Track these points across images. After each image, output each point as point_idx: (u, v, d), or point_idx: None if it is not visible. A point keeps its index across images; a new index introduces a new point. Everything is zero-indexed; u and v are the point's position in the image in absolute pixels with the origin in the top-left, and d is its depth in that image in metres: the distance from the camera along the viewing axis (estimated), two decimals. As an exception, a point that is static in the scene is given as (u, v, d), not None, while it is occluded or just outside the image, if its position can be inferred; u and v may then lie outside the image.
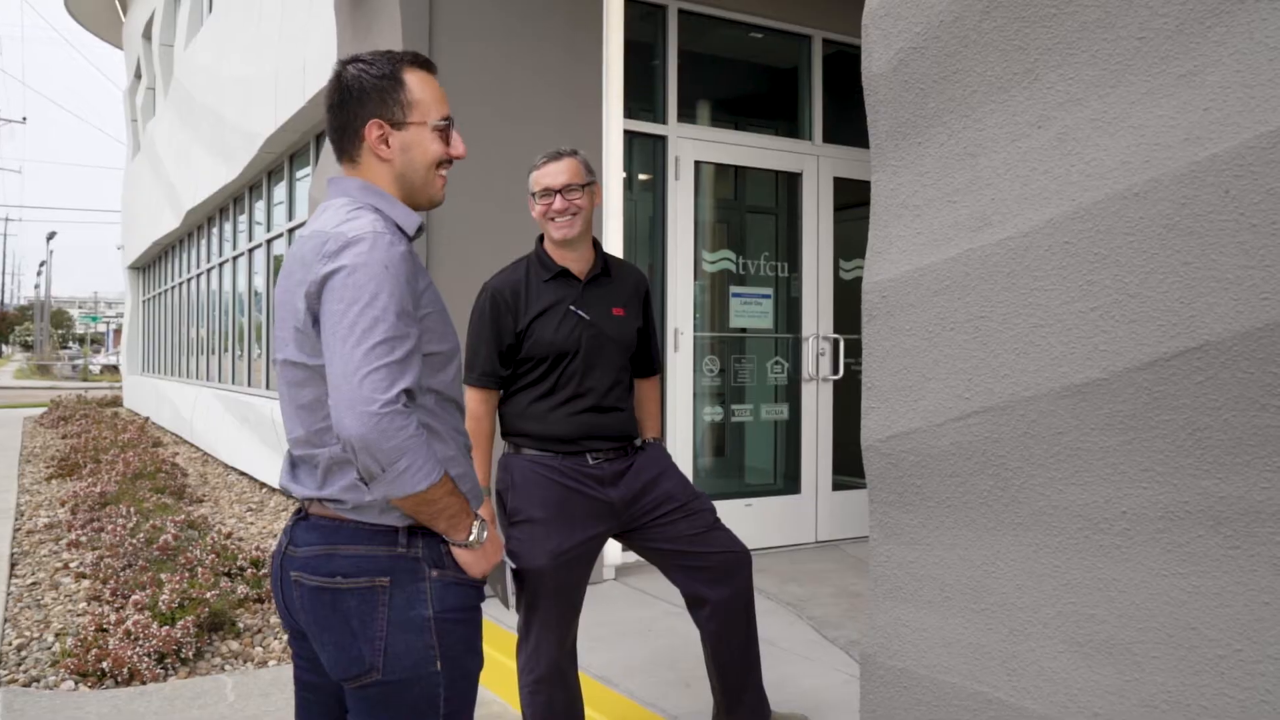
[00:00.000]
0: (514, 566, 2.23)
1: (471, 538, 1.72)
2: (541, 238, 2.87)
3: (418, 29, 4.68)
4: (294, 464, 1.81)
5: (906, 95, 1.94)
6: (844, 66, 6.25)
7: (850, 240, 6.22)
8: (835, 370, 6.00)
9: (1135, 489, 1.57)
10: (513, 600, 1.91)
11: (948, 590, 1.88)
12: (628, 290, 2.87)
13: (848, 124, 6.22)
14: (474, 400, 2.74)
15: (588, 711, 3.43)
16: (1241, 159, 1.41)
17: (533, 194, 2.76)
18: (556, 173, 2.73)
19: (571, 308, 2.74)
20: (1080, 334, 1.62)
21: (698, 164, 5.66)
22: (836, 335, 5.99)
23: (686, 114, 5.69)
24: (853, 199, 6.22)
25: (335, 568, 1.68)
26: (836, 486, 6.08)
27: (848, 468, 6.18)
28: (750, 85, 6.31)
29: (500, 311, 2.73)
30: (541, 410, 2.71)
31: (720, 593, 2.73)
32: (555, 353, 2.71)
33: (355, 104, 1.73)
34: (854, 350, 6.23)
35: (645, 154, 5.57)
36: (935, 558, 1.91)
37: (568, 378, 2.72)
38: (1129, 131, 1.57)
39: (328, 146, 5.65)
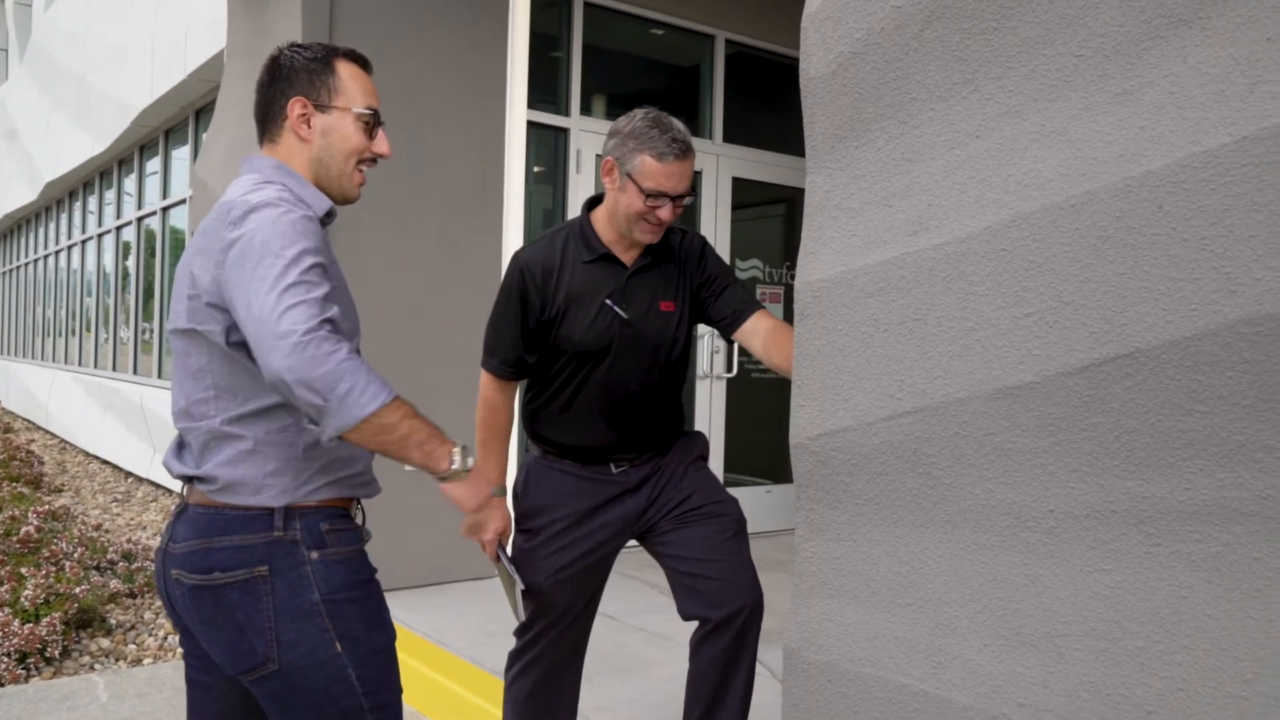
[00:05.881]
0: (522, 586, 2.09)
1: (455, 465, 1.65)
2: (591, 203, 2.43)
3: (318, 8, 4.52)
4: (180, 443, 1.77)
5: (844, 99, 1.98)
6: (746, 67, 6.34)
7: (747, 240, 6.30)
8: (729, 368, 6.08)
9: (1063, 489, 1.64)
10: (520, 609, 1.80)
11: (874, 586, 1.93)
12: (684, 273, 2.44)
13: (748, 124, 6.30)
14: (491, 388, 2.41)
15: (487, 708, 3.40)
16: (1175, 176, 1.48)
17: (638, 184, 2.28)
18: (680, 177, 2.29)
19: (608, 302, 2.35)
20: (1014, 339, 1.68)
21: (599, 157, 5.65)
22: (731, 333, 6.07)
23: (588, 107, 5.68)
24: (750, 199, 6.31)
25: (211, 562, 1.62)
26: (728, 484, 6.16)
27: (739, 465, 6.28)
28: (652, 82, 6.33)
29: (528, 290, 2.33)
30: (566, 419, 2.39)
31: (715, 614, 2.37)
32: (580, 352, 2.34)
33: (283, 82, 1.76)
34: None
35: (546, 146, 5.54)
36: (862, 554, 1.96)
37: (595, 384, 2.36)
38: (1066, 145, 1.63)
39: (215, 123, 5.42)
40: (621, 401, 2.39)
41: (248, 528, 1.63)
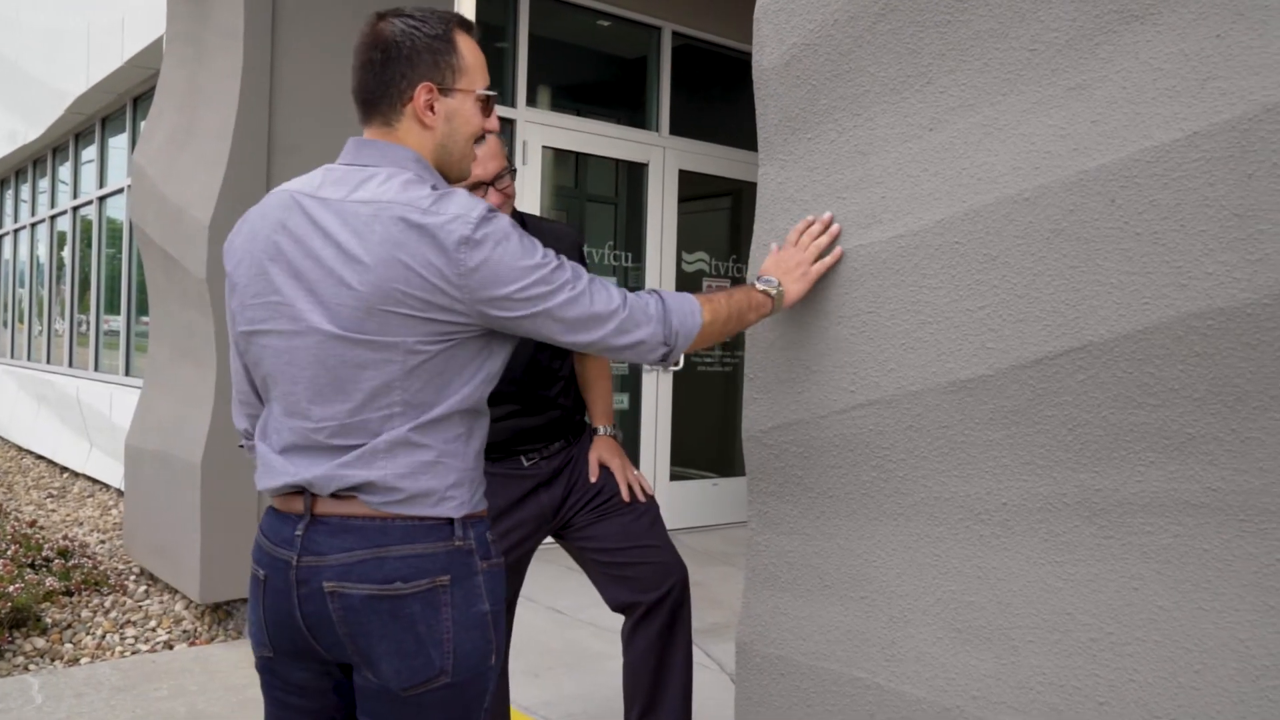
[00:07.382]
0: None
1: (773, 294, 1.84)
2: None
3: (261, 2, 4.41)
4: (298, 449, 1.57)
5: (797, 91, 1.96)
6: (692, 60, 6.33)
7: (693, 233, 6.30)
8: (676, 362, 6.07)
9: (1016, 481, 1.64)
10: None
11: (827, 579, 1.92)
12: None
13: (694, 117, 6.29)
14: None
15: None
16: (1127, 171, 1.49)
17: None
18: (485, 159, 2.33)
19: None
20: (968, 331, 1.68)
21: (545, 149, 5.60)
22: (680, 326, 6.06)
23: (534, 99, 5.63)
24: (696, 192, 6.31)
25: (390, 572, 1.51)
26: (674, 477, 6.16)
27: (686, 459, 6.28)
28: (598, 73, 6.29)
29: None
30: None
31: (647, 598, 2.43)
32: None
33: (404, 63, 1.59)
34: (696, 341, 6.31)
35: (494, 136, 5.48)
36: (815, 547, 1.95)
37: None
38: (1019, 139, 1.63)
39: (155, 110, 5.27)
40: (514, 392, 2.40)
41: (428, 536, 1.54)
